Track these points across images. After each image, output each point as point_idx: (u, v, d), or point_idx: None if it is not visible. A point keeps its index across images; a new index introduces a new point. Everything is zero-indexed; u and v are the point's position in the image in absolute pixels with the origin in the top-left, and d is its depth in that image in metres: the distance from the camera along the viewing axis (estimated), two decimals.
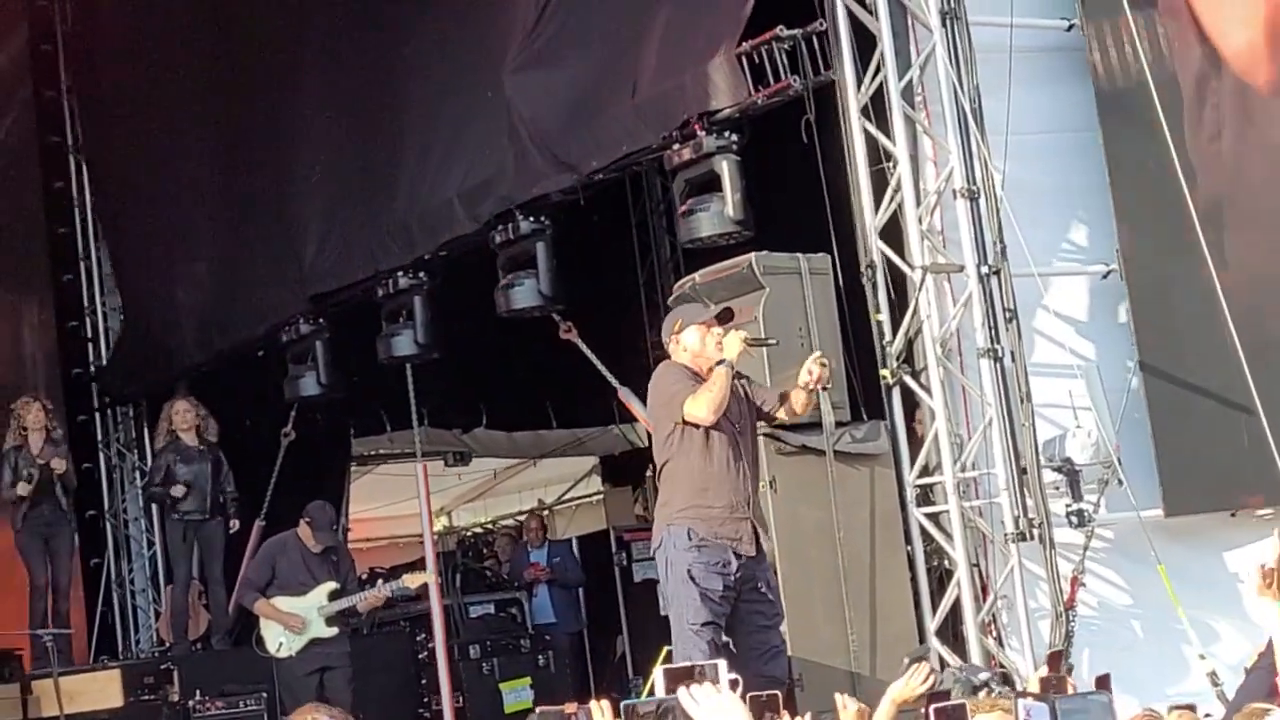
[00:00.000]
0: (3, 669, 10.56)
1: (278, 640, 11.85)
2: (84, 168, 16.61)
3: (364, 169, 13.00)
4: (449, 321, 12.73)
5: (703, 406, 8.29)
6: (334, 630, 11.92)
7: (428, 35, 12.49)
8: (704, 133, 10.08)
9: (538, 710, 4.44)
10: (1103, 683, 7.03)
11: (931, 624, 9.39)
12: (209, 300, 14.75)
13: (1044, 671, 7.11)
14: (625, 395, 12.89)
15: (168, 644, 14.40)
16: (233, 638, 13.49)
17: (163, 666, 12.29)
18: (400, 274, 12.46)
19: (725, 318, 8.59)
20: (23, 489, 13.61)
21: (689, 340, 8.55)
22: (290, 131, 13.76)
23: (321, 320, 13.40)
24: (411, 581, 12.42)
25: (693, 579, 8.32)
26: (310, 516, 12.11)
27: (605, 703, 4.44)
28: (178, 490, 13.47)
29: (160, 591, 15.72)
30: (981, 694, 6.71)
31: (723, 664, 4.38)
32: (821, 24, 9.68)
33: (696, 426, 8.34)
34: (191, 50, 14.80)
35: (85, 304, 16.57)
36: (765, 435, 9.25)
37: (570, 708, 4.39)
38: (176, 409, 13.87)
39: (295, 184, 13.70)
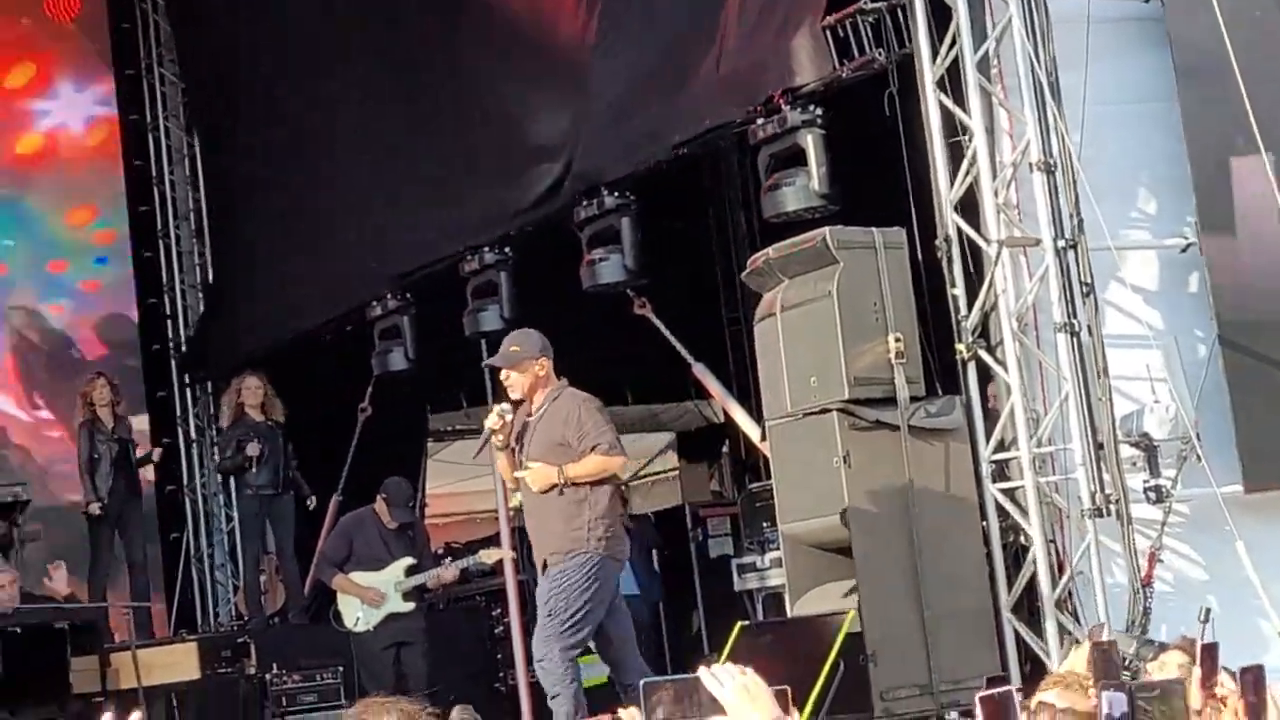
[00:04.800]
0: (82, 641, 10.66)
1: (355, 615, 11.92)
2: (164, 146, 16.73)
3: (447, 146, 13.04)
4: (526, 296, 12.74)
5: None
6: (410, 605, 11.98)
7: (499, 11, 12.52)
8: (788, 107, 10.06)
9: None
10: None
11: (1007, 600, 9.34)
12: (293, 277, 14.83)
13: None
14: (700, 371, 12.88)
15: (245, 618, 14.52)
16: (309, 612, 13.58)
17: (240, 640, 12.38)
18: (486, 250, 12.49)
19: None
20: (107, 469, 13.73)
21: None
22: (375, 110, 13.81)
23: (408, 296, 13.46)
24: (487, 557, 12.47)
25: None
26: (387, 493, 12.17)
27: (634, 709, 4.42)
28: (253, 449, 13.55)
29: (239, 566, 15.85)
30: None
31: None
32: None
33: None
34: (290, 29, 14.86)
35: (164, 281, 16.70)
36: (839, 410, 9.23)
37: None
38: (246, 385, 13.98)
39: (381, 162, 13.76)
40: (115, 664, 10.81)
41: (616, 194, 11.48)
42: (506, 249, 12.56)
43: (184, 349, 16.66)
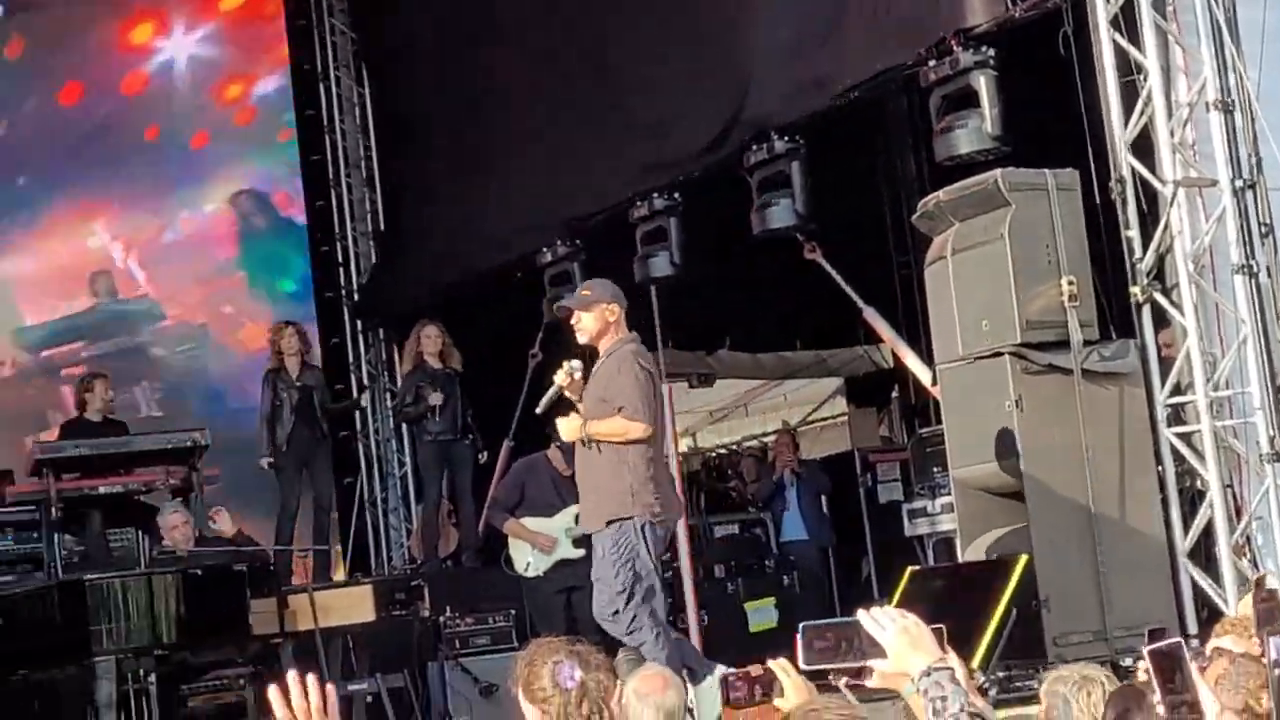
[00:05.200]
0: (261, 584, 10.84)
1: (526, 560, 12.02)
2: (335, 95, 16.91)
3: (617, 93, 13.05)
4: (694, 243, 12.74)
5: None
6: (581, 551, 12.04)
7: None
8: (960, 48, 9.95)
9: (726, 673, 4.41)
10: None
11: (1183, 546, 9.21)
12: (466, 224, 14.94)
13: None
14: (871, 316, 12.81)
15: (419, 561, 14.70)
16: (482, 556, 13.72)
17: (414, 583, 12.51)
18: (656, 196, 12.50)
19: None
20: (288, 417, 13.95)
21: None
22: (545, 58, 13.85)
23: (578, 242, 13.51)
24: None
25: None
26: (559, 441, 12.23)
27: (784, 660, 4.42)
28: (435, 398, 13.67)
29: (411, 510, 16.04)
30: None
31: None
32: None
33: None
34: None
35: (337, 229, 16.90)
36: (1011, 354, 9.16)
37: (756, 669, 4.37)
38: (426, 333, 14.08)
39: (552, 109, 13.80)
40: (293, 606, 10.96)
41: (786, 139, 11.44)
42: (676, 195, 12.55)
43: (356, 296, 16.85)
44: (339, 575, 14.77)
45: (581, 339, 9.19)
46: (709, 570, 13.77)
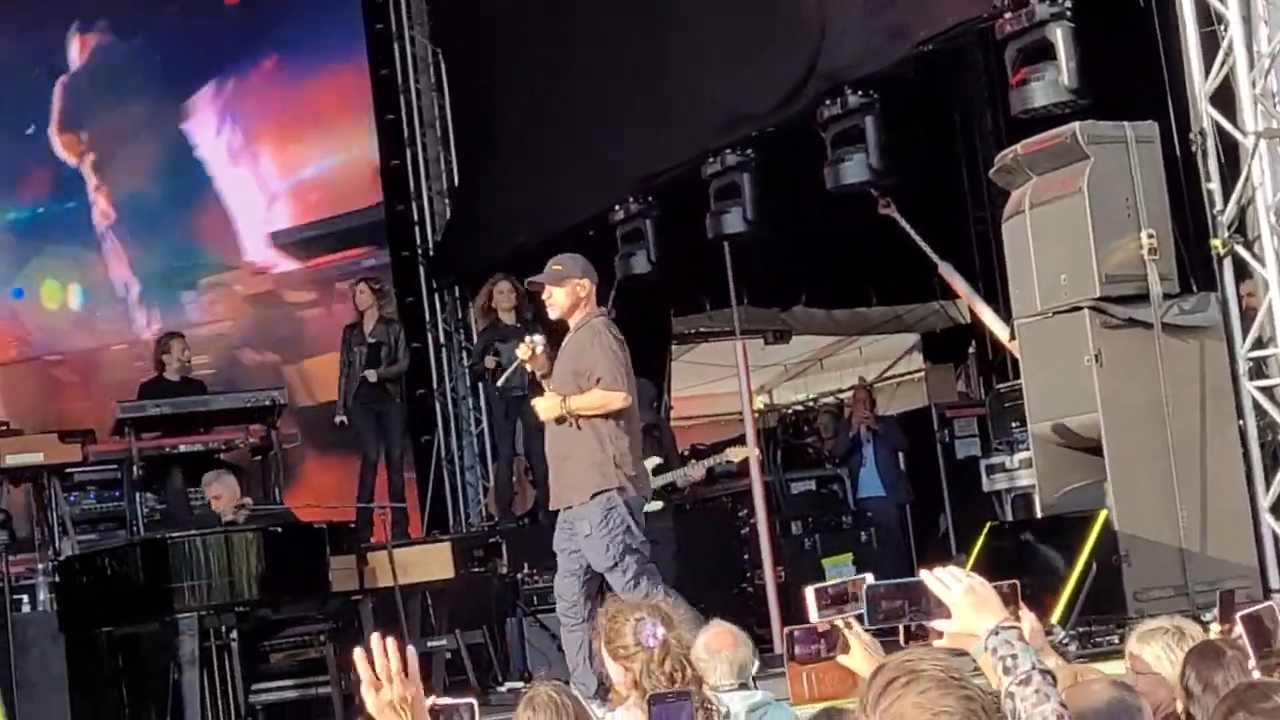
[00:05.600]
0: (340, 541, 10.92)
1: None
2: (410, 55, 16.94)
3: (688, 49, 13.00)
4: (768, 199, 12.70)
5: None
6: (658, 505, 12.07)
7: None
8: (1037, 0, 9.85)
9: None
10: None
11: (1264, 500, 9.13)
12: (538, 181, 14.94)
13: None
14: (946, 271, 12.74)
15: (495, 519, 14.76)
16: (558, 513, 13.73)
17: (491, 540, 12.59)
18: (728, 151, 12.45)
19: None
20: (371, 375, 14.00)
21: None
22: (619, 12, 13.82)
23: (651, 199, 13.49)
24: (735, 455, 12.52)
25: None
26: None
27: (853, 620, 4.42)
28: (493, 360, 13.69)
29: (489, 468, 16.09)
30: None
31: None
32: None
33: None
34: None
35: (412, 188, 16.94)
36: (1090, 308, 9.10)
37: (822, 625, 4.36)
38: (499, 289, 14.09)
39: (624, 65, 13.77)
40: (372, 563, 11.04)
41: (860, 93, 11.35)
42: (749, 151, 12.49)
43: (431, 254, 16.90)
44: (416, 533, 14.84)
45: (553, 314, 9.23)
46: (786, 526, 13.79)
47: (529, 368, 9.27)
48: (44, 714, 10.71)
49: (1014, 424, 12.01)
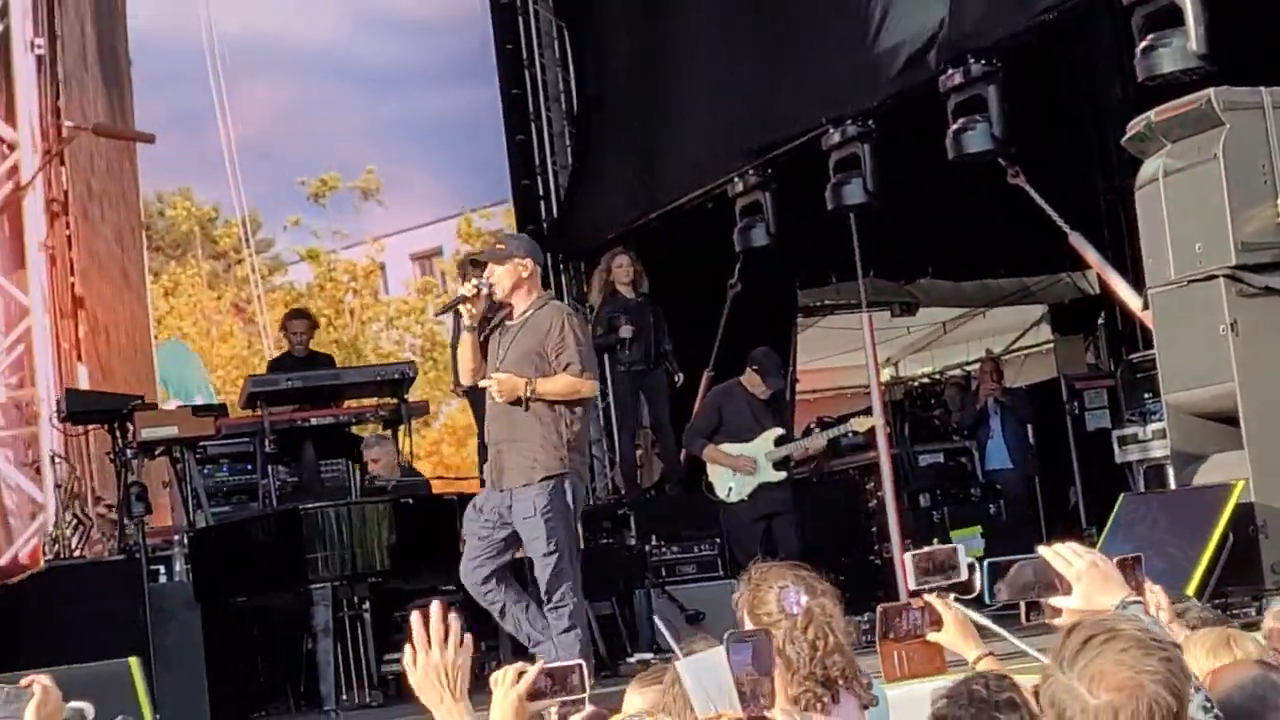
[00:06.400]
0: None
1: (727, 485, 12.06)
2: (535, 29, 16.98)
3: (806, 18, 12.96)
4: (894, 170, 12.63)
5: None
6: (781, 475, 12.06)
7: None
8: None
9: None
10: None
11: None
12: (656, 155, 14.96)
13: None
14: (1076, 240, 12.62)
15: (622, 491, 14.80)
16: (684, 485, 13.77)
17: (619, 512, 12.63)
18: (848, 123, 12.39)
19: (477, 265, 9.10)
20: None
21: None
22: None
23: (769, 171, 13.45)
24: (859, 425, 12.48)
25: None
26: (757, 363, 12.25)
27: (935, 596, 4.39)
28: (625, 331, 13.68)
29: (613, 441, 16.13)
30: None
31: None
32: None
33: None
34: None
35: (536, 163, 17.00)
36: (1226, 277, 8.98)
37: (916, 602, 4.35)
38: (617, 262, 14.09)
39: (741, 37, 13.75)
40: None
41: (983, 61, 11.26)
42: (869, 121, 12.43)
43: (553, 227, 16.96)
44: None
45: (496, 293, 9.05)
46: (914, 499, 13.77)
47: (464, 312, 9.06)
48: (181, 683, 10.85)
49: (1146, 394, 11.88)
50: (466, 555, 9.04)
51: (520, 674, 3.65)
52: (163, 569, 11.50)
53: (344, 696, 10.31)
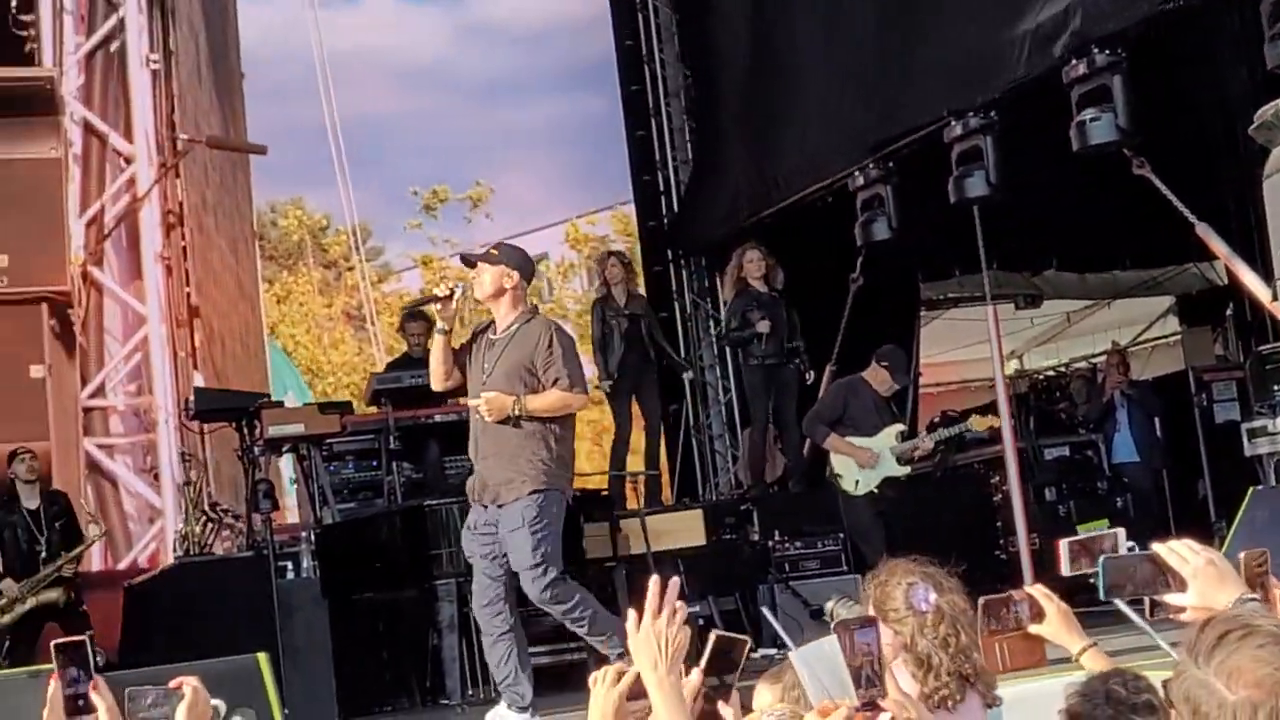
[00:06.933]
0: (594, 509, 11.05)
1: (854, 478, 12.02)
2: (654, 24, 17.00)
3: (932, 7, 12.89)
4: (1016, 161, 12.53)
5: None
6: (905, 470, 12.02)
7: None
8: None
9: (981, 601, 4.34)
10: None
11: None
12: (776, 149, 14.93)
13: None
14: (1204, 231, 12.45)
15: (745, 486, 14.79)
16: (808, 481, 13.74)
17: (742, 507, 12.63)
18: (970, 115, 12.30)
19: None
20: (618, 344, 14.08)
21: None
22: None
23: (890, 165, 13.39)
24: (978, 425, 12.40)
25: None
26: (886, 360, 12.21)
27: (1043, 586, 4.34)
28: (764, 326, 13.66)
29: (736, 436, 16.13)
30: None
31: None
32: None
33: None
34: None
35: (658, 159, 17.02)
36: None
37: (1018, 594, 4.30)
38: (748, 257, 14.08)
39: (859, 32, 13.70)
40: (625, 530, 11.17)
41: (1107, 51, 11.15)
42: (992, 113, 12.33)
43: (675, 223, 16.96)
44: (666, 500, 14.93)
45: (477, 294, 8.87)
46: (1039, 493, 13.66)
47: (438, 315, 8.93)
48: (308, 678, 10.97)
49: (1276, 386, 11.72)
50: (475, 580, 8.84)
51: (620, 674, 3.67)
52: (290, 565, 11.62)
53: (468, 691, 10.39)
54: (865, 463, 11.96)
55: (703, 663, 3.58)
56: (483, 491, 8.70)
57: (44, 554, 12.44)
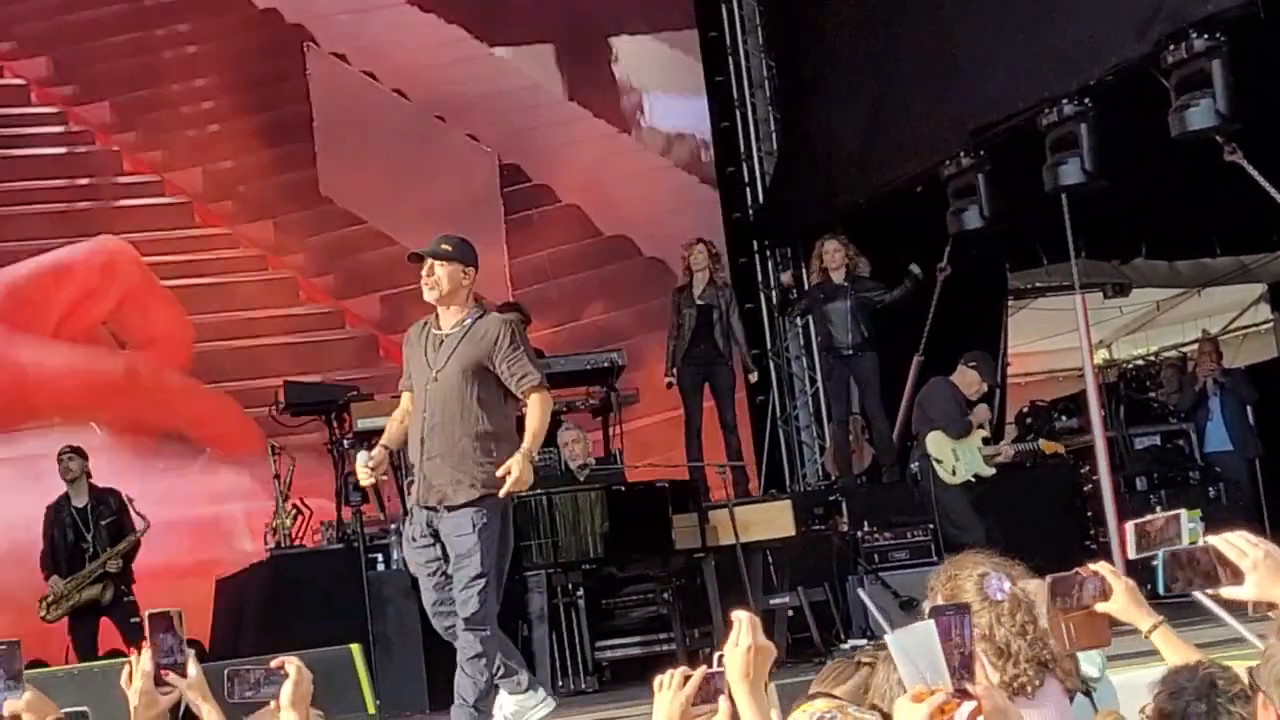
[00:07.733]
0: (684, 500, 11.06)
1: (952, 464, 12.04)
2: (738, 15, 16.97)
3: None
4: (1106, 148, 12.44)
5: None
6: (991, 471, 12.11)
7: None
8: None
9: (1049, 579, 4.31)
10: None
11: None
12: (864, 138, 14.86)
13: None
14: None
15: (833, 477, 14.75)
16: (897, 471, 13.70)
17: (831, 498, 12.62)
18: (1065, 101, 12.21)
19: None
20: (686, 335, 14.03)
21: None
22: None
23: (983, 153, 13.29)
24: (1047, 448, 12.52)
25: None
26: (975, 362, 12.27)
27: (1104, 564, 4.31)
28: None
29: (824, 427, 16.10)
30: None
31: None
32: None
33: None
34: None
35: (742, 150, 16.99)
36: None
37: (1084, 571, 4.27)
38: (826, 248, 14.05)
39: (949, 19, 13.62)
40: (714, 521, 11.16)
41: (1206, 36, 11.03)
42: (1087, 100, 12.23)
43: (760, 214, 16.93)
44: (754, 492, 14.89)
45: (430, 294, 8.41)
46: (1130, 483, 13.58)
47: (365, 483, 8.77)
48: (399, 670, 11.05)
49: None
50: (426, 593, 8.50)
51: (686, 678, 3.71)
52: (380, 557, 11.69)
53: (559, 683, 10.44)
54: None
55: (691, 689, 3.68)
56: (427, 492, 8.31)
57: (90, 551, 12.66)
